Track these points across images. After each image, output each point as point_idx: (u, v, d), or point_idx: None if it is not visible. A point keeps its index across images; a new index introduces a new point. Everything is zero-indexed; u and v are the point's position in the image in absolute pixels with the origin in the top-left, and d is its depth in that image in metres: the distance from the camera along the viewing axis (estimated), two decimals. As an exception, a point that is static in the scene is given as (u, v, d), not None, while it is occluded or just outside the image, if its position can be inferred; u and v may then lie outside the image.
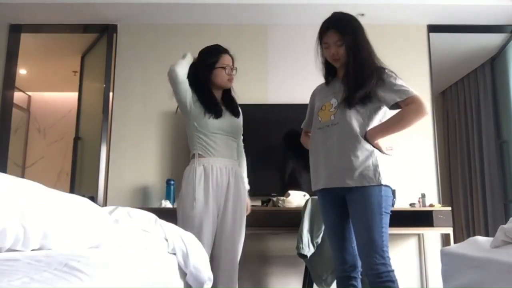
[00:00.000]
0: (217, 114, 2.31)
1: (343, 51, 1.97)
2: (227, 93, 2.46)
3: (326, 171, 1.96)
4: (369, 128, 1.94)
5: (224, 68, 2.35)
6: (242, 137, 2.52)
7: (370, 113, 1.95)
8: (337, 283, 2.06)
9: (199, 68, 2.36)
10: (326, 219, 2.07)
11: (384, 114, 2.00)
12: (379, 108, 1.98)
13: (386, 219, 1.86)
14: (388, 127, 1.93)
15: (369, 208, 1.84)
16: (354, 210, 1.90)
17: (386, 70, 1.97)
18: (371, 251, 1.82)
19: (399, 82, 1.93)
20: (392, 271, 1.83)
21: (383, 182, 1.86)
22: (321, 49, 2.07)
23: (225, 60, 2.37)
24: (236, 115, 2.43)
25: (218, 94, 2.41)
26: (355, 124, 1.92)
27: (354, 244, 1.96)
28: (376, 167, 1.87)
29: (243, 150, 2.54)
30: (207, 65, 2.34)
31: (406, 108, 1.89)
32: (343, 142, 1.92)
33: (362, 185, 1.86)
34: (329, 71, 2.12)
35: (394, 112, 1.98)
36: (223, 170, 2.30)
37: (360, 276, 2.00)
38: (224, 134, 2.34)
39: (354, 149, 1.90)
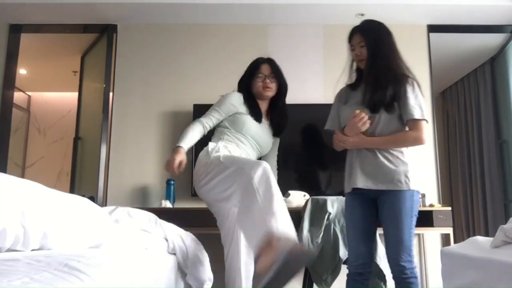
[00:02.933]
0: (257, 118, 2.31)
1: (366, 52, 2.06)
2: (275, 108, 2.43)
3: (361, 174, 2.03)
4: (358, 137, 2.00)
5: (258, 76, 2.35)
6: (275, 161, 2.47)
7: (400, 119, 2.03)
8: (347, 280, 2.11)
9: (239, 83, 2.42)
10: (351, 217, 2.13)
11: None
12: None
13: (415, 221, 1.98)
14: (383, 143, 2.00)
15: (402, 211, 1.95)
16: (386, 211, 1.99)
17: (410, 81, 2.02)
18: (399, 250, 1.93)
19: (416, 101, 1.99)
20: (415, 267, 1.95)
21: (414, 188, 1.96)
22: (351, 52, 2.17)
23: (262, 69, 2.37)
24: (274, 133, 2.40)
25: (263, 106, 2.40)
26: (389, 132, 2.01)
27: (372, 243, 2.07)
28: (407, 172, 1.96)
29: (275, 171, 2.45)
30: (245, 76, 2.40)
31: (408, 133, 1.99)
32: (377, 148, 2.01)
33: (395, 189, 1.95)
34: (358, 75, 2.19)
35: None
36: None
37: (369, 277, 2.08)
38: (252, 141, 2.30)
39: (389, 155, 1.99)
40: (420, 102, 2.00)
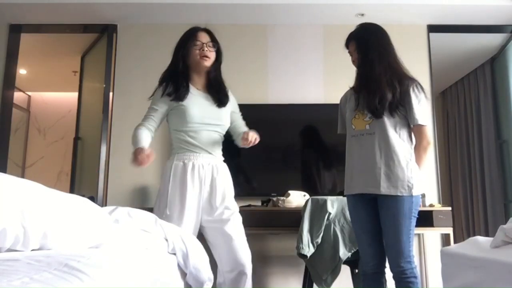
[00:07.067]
0: (178, 97, 2.12)
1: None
2: (212, 79, 2.22)
3: (361, 177, 2.05)
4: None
5: (195, 45, 2.15)
6: (237, 123, 2.30)
7: (405, 124, 2.05)
8: (363, 279, 2.14)
9: (173, 54, 2.24)
10: (357, 220, 2.14)
11: None
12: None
13: (414, 221, 2.00)
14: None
15: (400, 214, 1.97)
16: (385, 214, 2.01)
17: (413, 86, 2.03)
18: (398, 252, 1.97)
19: (420, 106, 2.02)
20: (415, 267, 1.99)
21: (415, 193, 1.99)
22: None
23: (199, 37, 2.17)
24: (220, 103, 2.19)
25: (200, 80, 2.22)
26: (392, 135, 2.01)
27: (382, 242, 2.07)
28: (410, 178, 1.99)
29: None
30: (179, 47, 2.20)
31: (422, 146, 2.05)
32: (379, 151, 2.01)
33: (396, 194, 1.97)
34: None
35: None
36: (206, 167, 2.11)
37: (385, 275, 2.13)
38: (205, 126, 2.14)
39: (391, 160, 2.00)
40: (423, 107, 2.03)
